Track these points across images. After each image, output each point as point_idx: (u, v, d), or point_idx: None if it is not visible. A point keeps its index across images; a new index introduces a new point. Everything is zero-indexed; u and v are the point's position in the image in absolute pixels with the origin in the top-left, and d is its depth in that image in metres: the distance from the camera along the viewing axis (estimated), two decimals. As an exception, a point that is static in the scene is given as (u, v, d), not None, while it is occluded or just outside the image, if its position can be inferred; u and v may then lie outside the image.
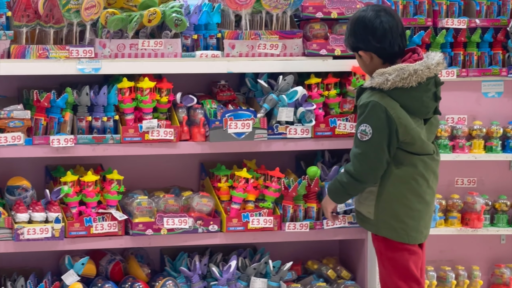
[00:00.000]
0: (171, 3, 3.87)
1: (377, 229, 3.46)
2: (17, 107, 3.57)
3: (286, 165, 4.06)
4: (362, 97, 3.41)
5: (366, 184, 3.39)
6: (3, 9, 3.62)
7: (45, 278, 3.66)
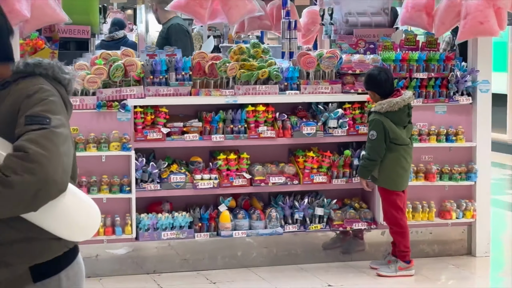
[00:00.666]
0: (273, 66, 5.94)
1: (380, 183, 5.73)
2: (195, 120, 5.77)
3: (333, 150, 6.18)
4: (370, 116, 5.69)
5: (376, 162, 5.61)
6: (186, 69, 5.77)
7: (209, 208, 5.75)
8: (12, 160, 2.07)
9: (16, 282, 2.29)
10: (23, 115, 2.19)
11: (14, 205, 2.10)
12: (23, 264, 2.29)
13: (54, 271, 2.33)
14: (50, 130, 2.15)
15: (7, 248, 2.27)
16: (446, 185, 6.13)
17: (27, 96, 2.22)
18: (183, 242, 6.01)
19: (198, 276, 5.83)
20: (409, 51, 6.31)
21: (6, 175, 2.03)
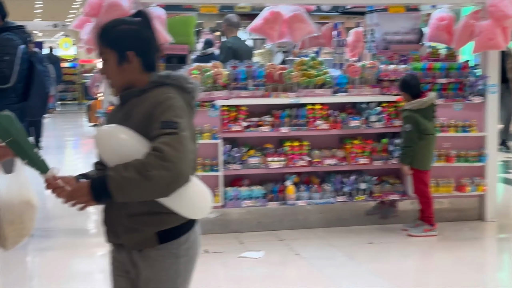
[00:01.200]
0: (327, 74, 6.47)
1: (413, 165, 6.14)
2: (267, 116, 6.17)
3: (373, 138, 6.59)
4: (404, 113, 6.12)
5: (412, 148, 6.03)
6: (260, 77, 6.23)
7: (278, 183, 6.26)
8: (151, 158, 2.29)
9: (145, 243, 2.54)
10: (157, 120, 2.38)
11: (150, 193, 2.36)
12: (150, 231, 2.52)
13: (174, 237, 2.55)
14: (179, 134, 2.35)
15: (137, 218, 2.52)
16: (462, 166, 6.63)
17: (159, 103, 2.41)
18: (258, 209, 6.44)
19: (270, 235, 6.37)
20: (433, 62, 6.77)
21: (147, 170, 2.27)
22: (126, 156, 2.35)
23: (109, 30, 2.57)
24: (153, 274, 2.56)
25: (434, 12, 7.30)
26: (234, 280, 5.22)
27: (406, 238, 6.25)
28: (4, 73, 5.56)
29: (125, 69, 2.52)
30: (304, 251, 5.82)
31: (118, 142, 2.42)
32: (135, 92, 2.54)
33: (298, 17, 7.03)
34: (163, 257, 2.54)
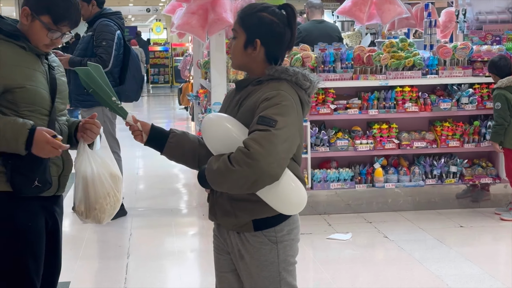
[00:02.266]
0: (417, 56, 6.37)
1: (505, 144, 6.00)
2: (355, 98, 6.21)
3: (464, 121, 6.51)
4: (493, 92, 6.07)
5: (503, 126, 5.95)
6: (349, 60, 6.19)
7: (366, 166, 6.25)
8: (239, 154, 2.33)
9: (242, 228, 2.59)
10: (258, 114, 2.39)
11: (234, 187, 2.42)
12: (246, 217, 2.56)
13: (270, 225, 2.57)
14: (272, 133, 2.33)
15: (237, 203, 2.55)
16: None
17: (266, 99, 2.42)
18: (346, 191, 6.54)
19: (357, 217, 6.35)
20: None
21: (233, 165, 2.32)
22: (229, 144, 2.40)
23: (251, 13, 2.59)
24: (254, 259, 2.60)
25: None
26: (322, 261, 5.19)
27: (498, 222, 6.14)
28: (102, 58, 5.79)
29: (248, 53, 2.54)
30: (393, 234, 5.79)
31: (222, 131, 2.46)
32: (251, 81, 2.58)
33: None
34: (261, 243, 2.57)
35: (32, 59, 2.74)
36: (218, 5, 5.83)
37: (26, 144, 2.54)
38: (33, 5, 2.70)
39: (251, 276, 2.61)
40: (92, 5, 6.05)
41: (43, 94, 2.74)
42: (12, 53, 2.67)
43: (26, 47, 2.71)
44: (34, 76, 2.71)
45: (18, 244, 2.74)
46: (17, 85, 2.63)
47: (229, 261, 2.74)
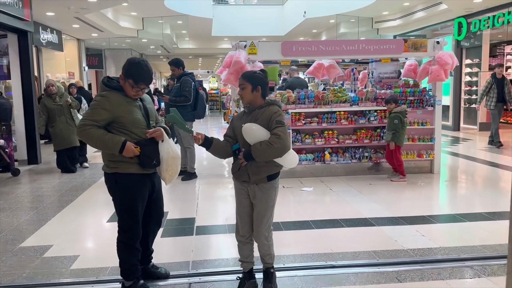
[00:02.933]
0: (348, 95, 6.16)
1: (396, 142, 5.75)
2: (315, 118, 6.83)
3: (372, 129, 6.27)
4: (392, 114, 5.68)
5: (398, 132, 5.71)
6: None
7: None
8: (274, 138, 2.54)
9: (261, 180, 2.70)
10: (273, 120, 2.61)
11: (273, 155, 2.57)
12: (264, 174, 2.69)
13: (274, 178, 2.74)
14: (284, 127, 2.60)
15: (260, 168, 2.67)
16: (421, 143, 6.60)
17: (274, 113, 2.65)
18: (310, 166, 6.23)
19: (316, 179, 6.22)
20: (406, 88, 6.66)
21: (272, 144, 2.52)
22: (258, 137, 2.60)
23: (251, 74, 2.75)
24: (264, 195, 2.77)
25: (407, 61, 7.17)
26: (297, 202, 5.21)
27: (390, 182, 6.18)
28: (187, 96, 6.05)
29: (254, 95, 2.71)
30: (334, 188, 5.82)
31: (255, 130, 2.62)
32: (257, 107, 2.72)
33: (332, 65, 7.05)
34: (269, 187, 2.75)
35: (129, 100, 2.76)
36: (243, 69, 5.84)
37: (120, 151, 2.63)
38: (124, 73, 2.72)
39: (262, 203, 2.76)
40: (180, 69, 6.24)
41: (139, 117, 2.75)
42: (118, 98, 2.71)
43: (125, 94, 2.76)
44: (131, 109, 2.73)
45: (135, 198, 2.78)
46: (121, 115, 2.68)
47: (246, 196, 2.82)
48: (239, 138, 2.72)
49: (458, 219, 4.47)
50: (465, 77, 12.13)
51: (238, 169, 2.73)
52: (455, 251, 3.56)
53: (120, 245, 2.79)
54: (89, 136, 2.59)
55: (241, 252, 2.86)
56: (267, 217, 2.73)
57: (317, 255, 3.51)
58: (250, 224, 2.80)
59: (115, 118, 2.65)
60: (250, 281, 2.89)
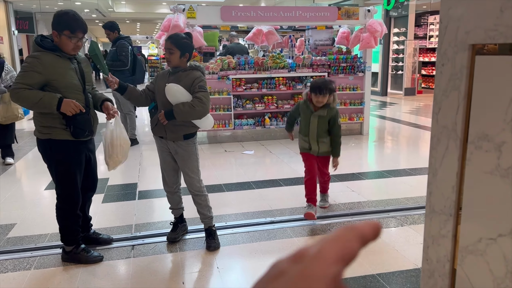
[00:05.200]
0: (286, 62, 6.14)
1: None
2: (255, 84, 7.28)
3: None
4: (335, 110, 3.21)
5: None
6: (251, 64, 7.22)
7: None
8: (196, 101, 2.60)
9: (178, 138, 2.75)
10: (196, 85, 2.65)
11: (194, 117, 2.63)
12: (181, 133, 2.74)
13: (191, 136, 2.80)
14: (206, 92, 2.66)
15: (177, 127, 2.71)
16: (352, 107, 6.76)
17: (197, 78, 2.67)
18: (251, 130, 6.27)
19: (256, 143, 6.27)
20: (339, 55, 6.65)
21: (194, 106, 2.58)
22: (179, 98, 2.62)
23: (180, 40, 2.69)
24: (185, 152, 2.82)
25: (340, 29, 7.27)
26: (240, 164, 5.28)
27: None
28: (123, 61, 5.80)
29: (182, 60, 2.71)
30: (274, 150, 5.92)
31: (177, 91, 2.64)
32: (181, 69, 2.72)
33: (270, 32, 6.96)
34: (187, 144, 2.80)
35: (65, 61, 2.54)
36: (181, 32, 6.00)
37: (57, 106, 2.45)
38: (57, 27, 2.50)
39: (184, 159, 2.82)
40: (115, 32, 5.93)
41: (75, 81, 2.57)
42: (51, 59, 2.49)
43: (60, 55, 2.53)
44: (66, 72, 2.53)
45: (72, 166, 2.66)
46: (54, 79, 2.49)
47: (168, 152, 2.87)
48: (159, 96, 2.72)
49: (384, 175, 4.73)
50: (392, 45, 12.61)
51: (155, 125, 2.77)
52: (381, 204, 3.80)
53: (60, 212, 2.70)
54: (23, 97, 2.39)
55: (171, 201, 3.00)
56: (194, 169, 2.80)
57: (258, 213, 3.63)
58: (176, 177, 2.92)
59: (48, 81, 2.48)
60: (182, 224, 3.09)
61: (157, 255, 2.89)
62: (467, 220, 0.94)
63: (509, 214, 0.82)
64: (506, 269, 0.84)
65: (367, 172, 4.88)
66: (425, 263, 1.08)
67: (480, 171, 0.88)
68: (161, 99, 2.72)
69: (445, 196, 0.99)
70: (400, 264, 2.70)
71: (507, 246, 0.83)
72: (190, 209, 3.17)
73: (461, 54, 0.90)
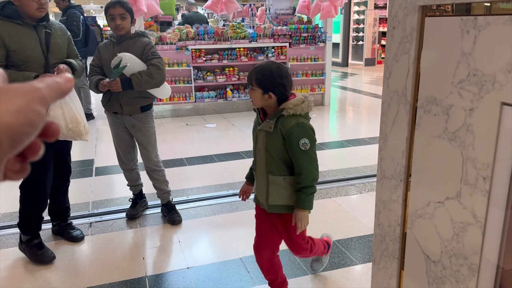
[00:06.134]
0: (246, 32, 6.08)
1: None
2: (216, 55, 7.26)
3: None
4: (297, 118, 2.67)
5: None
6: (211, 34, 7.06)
7: None
8: (154, 69, 2.50)
9: (135, 111, 2.64)
10: (148, 51, 2.54)
11: (152, 86, 2.52)
12: (137, 105, 2.64)
13: (148, 108, 2.72)
14: (161, 58, 2.56)
15: (133, 99, 2.61)
16: (314, 78, 6.86)
17: (147, 44, 2.58)
18: (213, 103, 6.17)
19: (219, 116, 6.24)
20: (300, 25, 6.69)
21: (153, 74, 2.47)
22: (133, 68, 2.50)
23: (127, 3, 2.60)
24: (143, 125, 2.75)
25: None
26: (203, 137, 5.25)
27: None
28: (75, 32, 5.61)
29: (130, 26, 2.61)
30: (237, 123, 5.91)
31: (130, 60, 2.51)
32: (128, 38, 2.61)
33: (230, 0, 6.82)
34: (145, 116, 2.72)
35: (25, 30, 2.24)
36: (138, 2, 5.58)
37: None
38: None
39: (142, 132, 2.73)
40: (65, 1, 5.66)
41: (35, 54, 2.26)
42: (9, 28, 2.21)
43: (21, 22, 2.24)
44: (26, 42, 2.23)
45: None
46: (12, 49, 2.20)
47: (123, 128, 2.76)
48: (109, 70, 2.56)
49: (344, 144, 4.85)
50: (353, 15, 12.66)
51: (108, 100, 2.64)
52: (341, 173, 3.90)
53: (21, 192, 2.45)
54: None
55: (129, 178, 2.93)
56: (152, 143, 2.74)
57: (220, 186, 3.63)
58: (132, 153, 2.83)
59: (8, 54, 2.20)
60: (142, 200, 3.05)
61: (116, 232, 2.85)
62: (416, 184, 0.95)
63: (456, 178, 0.83)
64: (453, 232, 0.86)
65: (328, 142, 4.95)
66: (376, 228, 1.09)
67: (428, 135, 0.89)
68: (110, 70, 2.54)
69: (395, 161, 0.99)
70: (358, 230, 2.79)
71: (454, 209, 0.85)
72: (149, 184, 3.10)
73: (411, 16, 0.88)
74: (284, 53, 6.50)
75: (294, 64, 6.58)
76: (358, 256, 2.49)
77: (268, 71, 1.69)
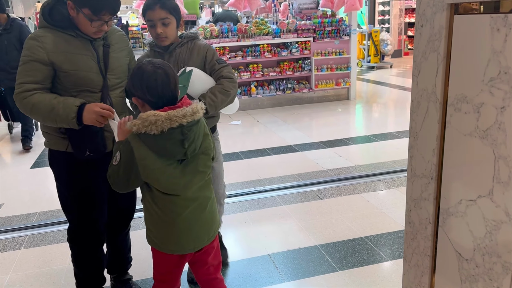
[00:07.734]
0: (270, 28, 6.04)
1: None
2: (239, 52, 6.84)
3: (294, 61, 6.30)
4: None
5: None
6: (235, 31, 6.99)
7: None
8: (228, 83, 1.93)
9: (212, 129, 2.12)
10: (212, 59, 1.95)
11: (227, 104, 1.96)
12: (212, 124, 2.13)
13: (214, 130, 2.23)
14: (229, 65, 2.01)
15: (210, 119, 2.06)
16: (339, 72, 6.76)
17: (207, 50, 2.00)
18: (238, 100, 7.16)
19: (244, 113, 6.18)
20: (324, 19, 6.66)
21: (228, 90, 1.91)
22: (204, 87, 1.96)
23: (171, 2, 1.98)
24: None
25: None
26: (229, 134, 5.25)
27: (312, 111, 6.28)
28: None
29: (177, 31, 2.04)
30: (261, 119, 5.89)
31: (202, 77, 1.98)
32: (178, 45, 2.03)
33: None
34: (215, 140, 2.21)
35: (78, 44, 1.72)
36: None
37: (77, 119, 1.65)
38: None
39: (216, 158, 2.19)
40: None
41: (90, 76, 1.74)
42: (58, 40, 1.69)
43: (75, 34, 1.72)
44: (78, 60, 1.71)
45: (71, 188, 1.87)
46: (62, 71, 1.69)
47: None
48: None
49: (371, 139, 4.76)
50: (378, 6, 12.40)
51: None
52: (368, 168, 3.84)
53: (71, 249, 1.98)
54: (31, 105, 1.63)
55: None
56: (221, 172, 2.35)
57: (247, 183, 3.63)
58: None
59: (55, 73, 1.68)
60: None
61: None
62: (448, 182, 0.94)
63: (488, 176, 0.82)
64: (485, 230, 0.86)
65: (354, 137, 4.88)
66: (407, 226, 1.09)
67: (459, 133, 0.88)
68: None
69: (426, 159, 0.99)
70: (388, 226, 2.75)
71: (486, 207, 0.84)
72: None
73: (439, 14, 0.87)
74: (308, 47, 6.44)
75: (318, 59, 6.51)
76: (388, 252, 2.46)
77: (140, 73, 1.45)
